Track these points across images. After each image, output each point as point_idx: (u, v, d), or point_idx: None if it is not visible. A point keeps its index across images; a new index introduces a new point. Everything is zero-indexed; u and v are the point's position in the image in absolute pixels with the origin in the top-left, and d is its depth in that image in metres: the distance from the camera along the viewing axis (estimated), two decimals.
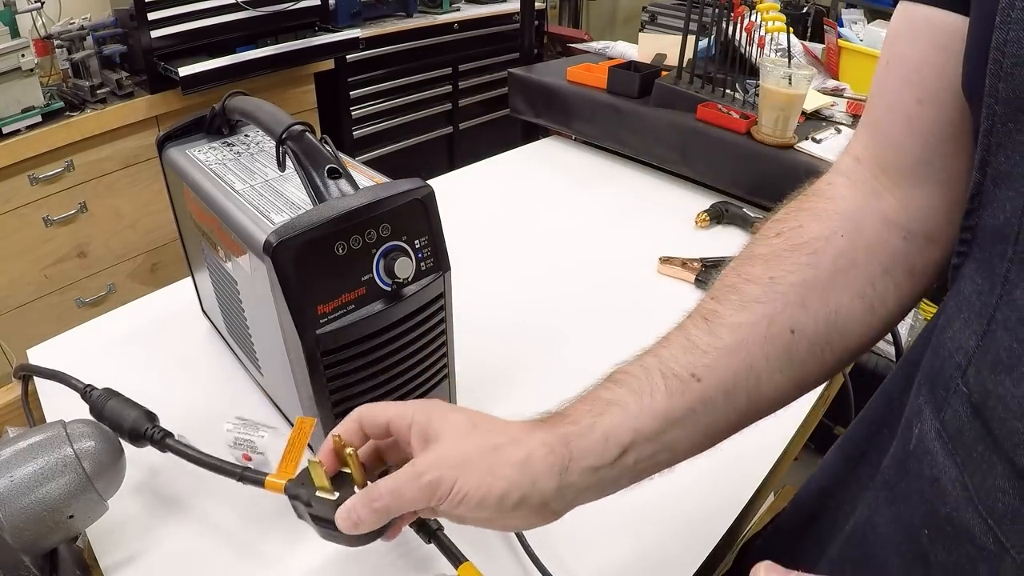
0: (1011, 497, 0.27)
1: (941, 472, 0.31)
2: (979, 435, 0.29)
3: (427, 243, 0.51)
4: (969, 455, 0.29)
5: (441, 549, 0.48)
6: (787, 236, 0.40)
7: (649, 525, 0.54)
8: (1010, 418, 0.27)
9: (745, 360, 0.37)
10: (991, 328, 0.29)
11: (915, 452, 0.33)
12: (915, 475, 0.33)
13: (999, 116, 0.28)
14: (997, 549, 0.28)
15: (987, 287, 0.30)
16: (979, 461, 0.28)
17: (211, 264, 0.63)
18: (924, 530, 0.32)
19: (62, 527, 0.43)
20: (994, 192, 0.30)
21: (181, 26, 1.71)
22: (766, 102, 0.98)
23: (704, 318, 0.39)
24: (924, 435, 0.33)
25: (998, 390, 0.28)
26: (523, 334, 0.75)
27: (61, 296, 1.69)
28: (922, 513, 0.32)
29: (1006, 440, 0.27)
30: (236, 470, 0.50)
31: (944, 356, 0.32)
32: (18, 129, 1.48)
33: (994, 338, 0.28)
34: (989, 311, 0.29)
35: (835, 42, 1.36)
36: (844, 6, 2.29)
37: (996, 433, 0.28)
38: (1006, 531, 0.27)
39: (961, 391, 0.30)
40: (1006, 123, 0.28)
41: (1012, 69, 0.27)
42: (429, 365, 0.55)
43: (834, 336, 0.39)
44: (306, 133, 0.51)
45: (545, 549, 0.50)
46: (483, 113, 2.78)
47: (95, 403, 0.60)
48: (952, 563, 0.30)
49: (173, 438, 0.56)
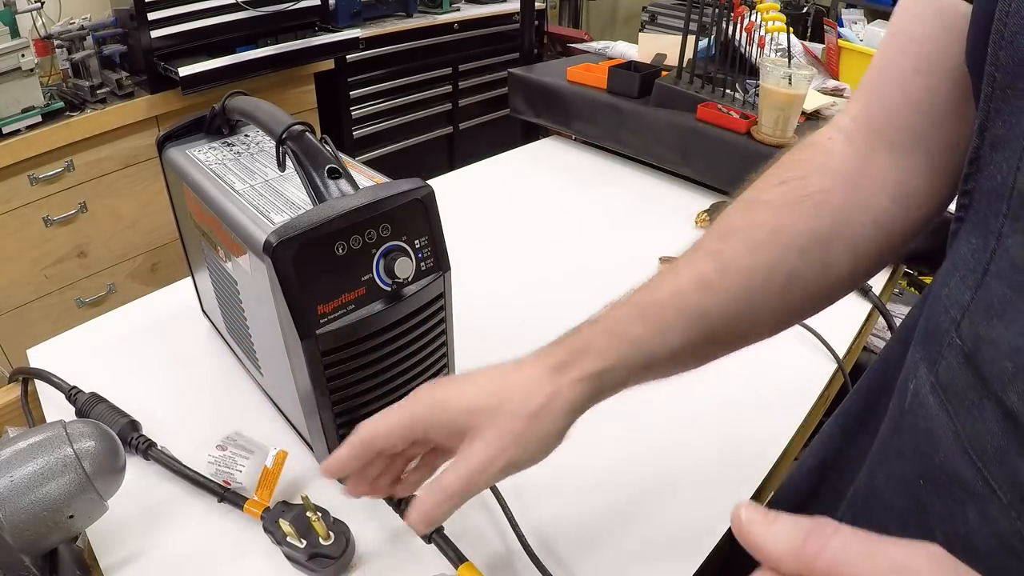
0: (999, 439, 0.28)
1: (934, 423, 0.32)
2: (971, 383, 0.30)
3: (427, 243, 0.51)
4: (961, 403, 0.30)
5: (441, 549, 0.48)
6: (792, 186, 0.42)
7: (649, 525, 0.54)
8: (1000, 359, 0.28)
9: (749, 300, 0.41)
10: (985, 280, 0.30)
11: (910, 408, 0.35)
12: (910, 430, 0.35)
13: (998, 83, 0.30)
14: (985, 491, 0.29)
15: (982, 244, 0.31)
16: (970, 407, 0.30)
17: (211, 264, 0.63)
18: (919, 481, 0.33)
19: (62, 527, 0.43)
20: (991, 156, 0.31)
21: (181, 26, 1.71)
22: (766, 102, 0.98)
23: (713, 258, 0.41)
24: (919, 390, 0.34)
25: (990, 335, 0.29)
26: (523, 334, 0.75)
27: (61, 296, 1.69)
28: (917, 465, 0.33)
29: (995, 381, 0.29)
30: (218, 489, 0.52)
31: (940, 312, 0.34)
32: (18, 129, 1.49)
33: (988, 289, 0.30)
34: (983, 265, 0.30)
35: (835, 42, 1.36)
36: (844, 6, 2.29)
37: (987, 377, 0.29)
38: (993, 473, 0.28)
39: (955, 343, 0.31)
40: (1004, 89, 0.30)
41: (1012, 38, 0.29)
42: (429, 365, 0.55)
43: (822, 283, 0.42)
44: (306, 133, 0.51)
45: (545, 549, 0.50)
46: (483, 113, 2.77)
47: (80, 409, 0.60)
48: (945, 509, 0.30)
49: (156, 448, 0.57)
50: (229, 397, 0.66)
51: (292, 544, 0.48)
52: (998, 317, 0.29)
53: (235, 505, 0.52)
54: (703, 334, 0.40)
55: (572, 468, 0.59)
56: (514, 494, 0.55)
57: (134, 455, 0.57)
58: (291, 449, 0.54)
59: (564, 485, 0.57)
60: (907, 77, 0.39)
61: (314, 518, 0.48)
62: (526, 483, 0.57)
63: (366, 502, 0.54)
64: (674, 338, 0.40)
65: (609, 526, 0.53)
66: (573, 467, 0.59)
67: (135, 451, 0.57)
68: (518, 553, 0.50)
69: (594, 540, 0.52)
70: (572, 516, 0.54)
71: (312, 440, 0.56)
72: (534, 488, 0.57)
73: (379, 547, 0.52)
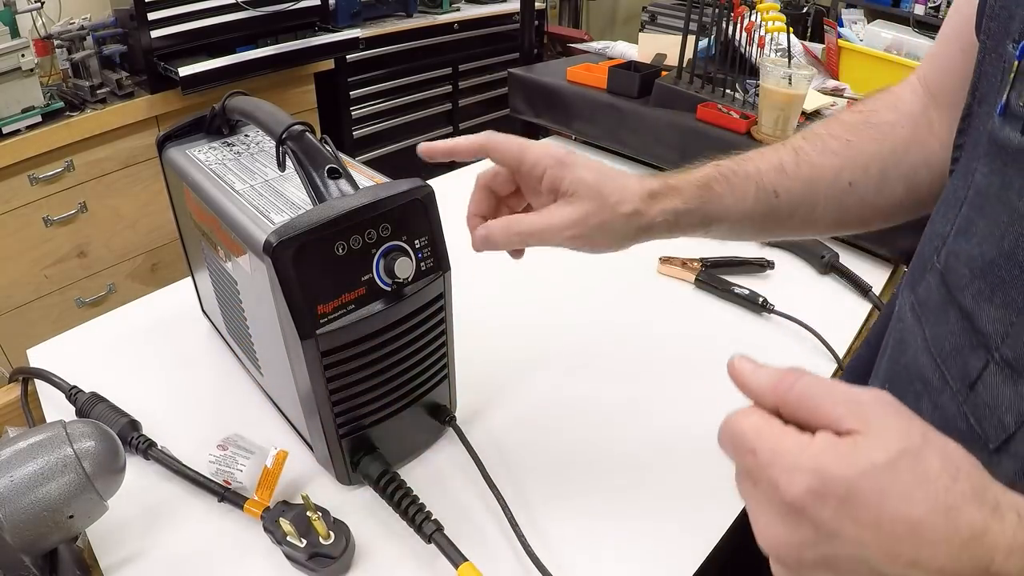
0: (957, 338, 0.34)
1: (908, 333, 0.38)
2: (941, 296, 0.36)
3: (427, 243, 0.51)
4: (931, 313, 0.37)
5: (441, 549, 0.48)
6: (866, 115, 0.52)
7: (649, 525, 0.54)
8: (960, 267, 0.35)
9: (812, 192, 0.49)
10: (961, 212, 0.36)
11: (894, 329, 0.41)
12: (893, 345, 0.41)
13: (987, 48, 0.36)
14: (940, 384, 0.35)
15: (962, 184, 0.37)
16: (937, 315, 0.36)
17: (211, 264, 0.63)
18: (885, 385, 0.39)
19: (62, 527, 0.43)
20: (977, 110, 0.37)
21: (181, 26, 1.71)
22: (766, 102, 0.98)
23: (794, 151, 0.51)
24: (901, 309, 0.41)
25: (955, 249, 0.36)
26: (523, 334, 0.75)
27: (61, 296, 1.69)
28: (887, 372, 0.40)
29: (956, 287, 0.35)
30: (218, 489, 0.52)
31: (925, 245, 0.40)
32: (18, 129, 1.49)
33: (961, 217, 0.36)
34: (960, 200, 0.37)
35: (835, 42, 1.35)
36: (844, 6, 2.29)
37: (951, 285, 0.35)
38: (949, 367, 0.35)
39: (935, 267, 0.37)
40: (990, 53, 0.36)
41: (999, 11, 0.35)
42: (429, 365, 0.55)
43: (877, 200, 0.50)
44: (306, 133, 0.51)
45: (545, 549, 0.50)
46: (483, 113, 2.77)
47: (80, 409, 0.60)
48: (909, 404, 0.35)
49: (156, 448, 0.57)
50: (229, 397, 0.66)
51: (292, 544, 0.48)
52: (963, 235, 0.35)
53: (235, 505, 0.53)
54: (769, 208, 0.49)
55: (573, 468, 0.59)
56: (514, 494, 0.55)
57: (134, 455, 0.57)
58: (291, 449, 0.54)
59: (564, 485, 0.57)
60: (954, 54, 0.46)
61: (314, 518, 0.48)
62: (527, 483, 0.57)
63: (366, 502, 0.54)
64: (746, 204, 0.49)
65: (609, 526, 0.53)
66: (574, 467, 0.59)
67: (135, 451, 0.57)
68: (518, 553, 0.50)
69: (594, 540, 0.52)
70: (573, 516, 0.54)
71: (312, 440, 0.56)
72: (535, 488, 0.57)
73: (379, 547, 0.52)
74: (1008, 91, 0.32)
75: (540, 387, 0.68)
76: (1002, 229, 0.32)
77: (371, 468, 0.53)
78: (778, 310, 0.78)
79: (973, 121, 0.37)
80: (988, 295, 0.32)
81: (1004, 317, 0.31)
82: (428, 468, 0.59)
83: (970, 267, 0.34)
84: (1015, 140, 0.31)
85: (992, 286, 0.32)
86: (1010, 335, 0.31)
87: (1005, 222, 0.32)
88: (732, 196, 0.49)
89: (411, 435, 0.58)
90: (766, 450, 0.28)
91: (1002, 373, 0.31)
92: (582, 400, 0.66)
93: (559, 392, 0.68)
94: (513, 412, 0.65)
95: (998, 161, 0.33)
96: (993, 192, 0.33)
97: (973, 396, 0.33)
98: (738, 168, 0.50)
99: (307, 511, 0.48)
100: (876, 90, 0.55)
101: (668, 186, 0.48)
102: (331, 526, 0.49)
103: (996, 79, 0.34)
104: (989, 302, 0.32)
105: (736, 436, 0.29)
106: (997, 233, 0.32)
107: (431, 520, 0.50)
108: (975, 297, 0.33)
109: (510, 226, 0.47)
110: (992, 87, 0.34)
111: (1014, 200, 0.31)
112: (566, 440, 0.62)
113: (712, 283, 0.83)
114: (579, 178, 0.46)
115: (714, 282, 0.83)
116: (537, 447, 0.61)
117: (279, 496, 0.53)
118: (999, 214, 0.32)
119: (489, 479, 0.54)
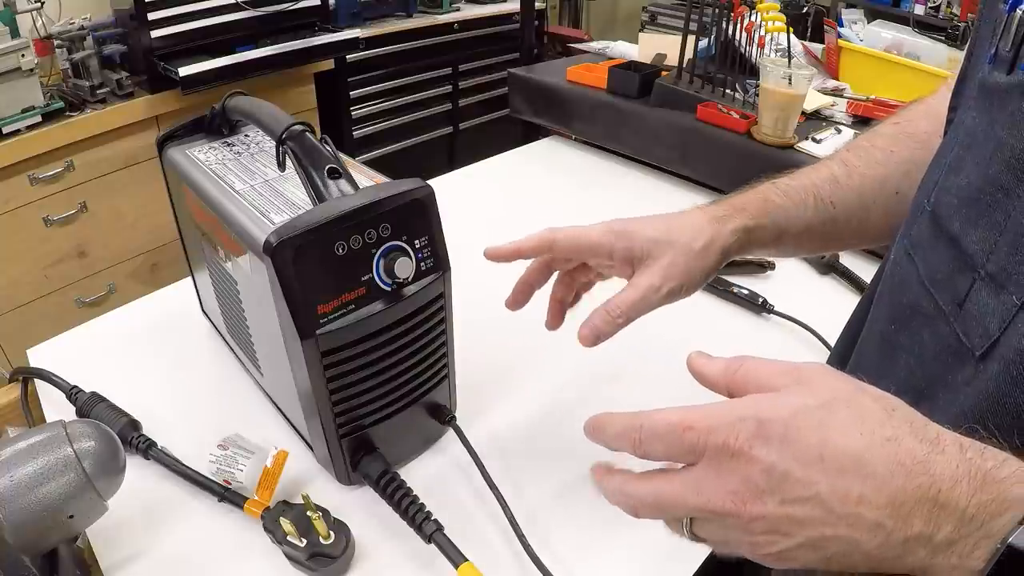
0: (947, 265, 0.36)
1: (905, 274, 0.40)
2: (932, 233, 0.38)
3: (427, 243, 0.51)
4: (924, 251, 0.39)
5: (441, 549, 0.48)
6: (903, 126, 0.55)
7: (649, 525, 0.54)
8: (949, 198, 0.37)
9: (864, 201, 0.53)
10: (952, 153, 0.38)
11: (889, 273, 0.43)
12: (889, 288, 0.43)
13: (982, 16, 0.39)
14: (935, 312, 0.36)
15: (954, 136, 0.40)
16: (929, 251, 0.38)
17: (211, 264, 0.63)
18: (891, 326, 0.41)
19: (62, 527, 0.43)
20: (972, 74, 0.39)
21: (181, 26, 1.71)
22: (766, 102, 0.98)
23: (844, 163, 0.54)
24: (897, 253, 0.43)
25: (946, 185, 0.38)
26: (523, 334, 0.75)
27: (61, 296, 1.69)
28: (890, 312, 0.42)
29: (945, 218, 0.37)
30: (219, 489, 0.52)
31: (919, 195, 0.42)
32: (18, 129, 1.49)
33: (954, 157, 0.38)
34: (951, 147, 0.39)
35: (835, 42, 1.35)
36: (844, 6, 2.29)
37: (940, 217, 0.37)
38: (941, 294, 0.36)
39: (927, 210, 0.39)
40: (984, 18, 0.39)
41: None
42: (429, 365, 0.55)
43: None
44: (306, 133, 0.51)
45: (545, 549, 0.50)
46: (483, 113, 2.77)
47: (81, 408, 0.60)
48: (908, 340, 0.39)
49: (156, 448, 0.57)
50: (229, 397, 0.66)
51: (292, 543, 0.48)
52: (953, 171, 0.37)
53: (235, 505, 0.53)
54: (828, 218, 0.52)
55: (573, 468, 0.59)
56: (514, 494, 0.55)
57: (134, 455, 0.57)
58: (291, 449, 0.54)
59: (565, 485, 0.57)
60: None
61: (314, 517, 0.48)
62: (527, 483, 0.57)
63: (366, 502, 0.54)
64: (807, 214, 0.52)
65: (610, 526, 0.53)
66: (574, 467, 0.59)
67: (135, 451, 0.57)
68: (518, 553, 0.50)
69: (594, 540, 0.52)
70: (573, 516, 0.54)
71: (312, 440, 0.56)
72: (535, 488, 0.57)
73: (379, 547, 0.52)
74: (998, 41, 0.34)
75: (540, 387, 0.68)
76: (987, 159, 0.34)
77: (371, 468, 0.53)
78: (778, 310, 0.78)
79: (968, 84, 0.40)
80: (974, 220, 0.34)
81: (988, 237, 0.33)
82: (428, 468, 0.59)
83: (958, 197, 0.36)
84: (1002, 81, 0.34)
85: (978, 212, 0.34)
86: (994, 252, 0.33)
87: (990, 151, 0.34)
88: (794, 207, 0.52)
89: (411, 435, 0.58)
90: (700, 418, 0.30)
91: (987, 288, 0.33)
92: (582, 400, 0.66)
93: (559, 392, 0.68)
94: (513, 412, 0.65)
95: (985, 102, 0.36)
96: (981, 130, 0.36)
97: (963, 314, 0.35)
98: (793, 182, 0.53)
99: (307, 511, 0.48)
100: (911, 101, 0.57)
101: (732, 207, 0.51)
102: (331, 526, 0.49)
103: (988, 39, 0.36)
104: (974, 226, 0.34)
105: (659, 426, 0.32)
106: (983, 164, 0.34)
107: (431, 520, 0.50)
108: (962, 224, 0.35)
109: (609, 312, 0.49)
110: (984, 48, 0.37)
111: (999, 132, 0.33)
112: (566, 440, 0.62)
113: (712, 283, 0.83)
114: (647, 239, 0.49)
115: (714, 282, 0.83)
116: (537, 447, 0.61)
117: (279, 496, 0.53)
118: (985, 148, 0.35)
119: (489, 479, 0.54)
